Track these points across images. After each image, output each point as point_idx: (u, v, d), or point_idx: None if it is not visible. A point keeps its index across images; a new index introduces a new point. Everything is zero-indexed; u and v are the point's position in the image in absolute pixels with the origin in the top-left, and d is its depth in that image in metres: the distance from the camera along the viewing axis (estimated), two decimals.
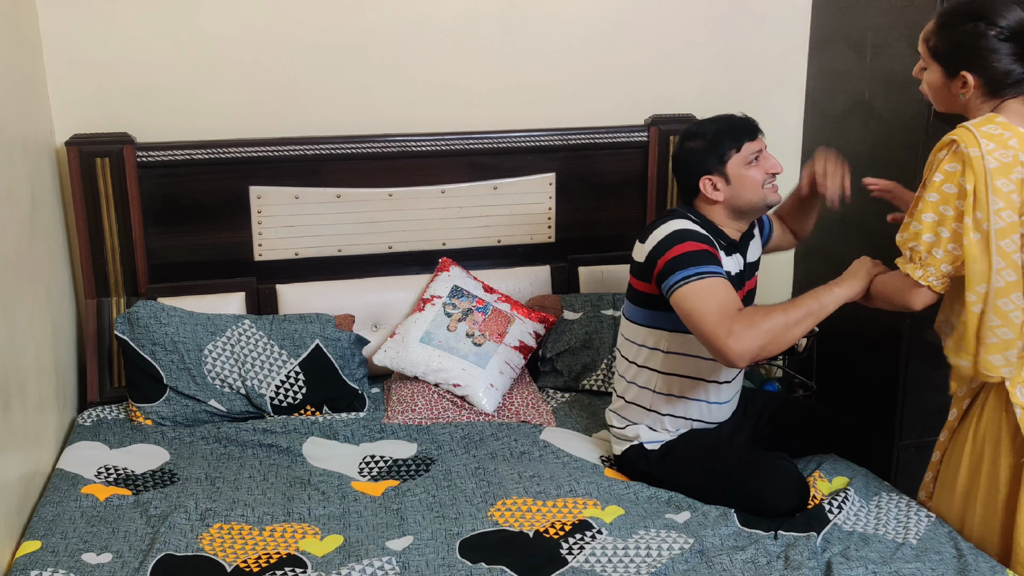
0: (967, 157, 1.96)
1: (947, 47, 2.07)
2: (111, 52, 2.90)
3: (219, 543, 2.17)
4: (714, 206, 2.38)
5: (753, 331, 2.10)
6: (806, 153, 3.47)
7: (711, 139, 2.35)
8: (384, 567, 2.05)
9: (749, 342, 2.09)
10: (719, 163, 2.34)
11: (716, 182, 2.34)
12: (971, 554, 2.07)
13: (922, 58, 2.14)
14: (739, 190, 2.34)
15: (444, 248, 3.16)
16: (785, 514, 2.25)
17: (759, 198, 2.35)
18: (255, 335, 2.82)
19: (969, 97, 2.07)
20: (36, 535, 2.18)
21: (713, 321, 2.12)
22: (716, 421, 2.49)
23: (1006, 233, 1.96)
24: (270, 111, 3.04)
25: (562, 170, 3.18)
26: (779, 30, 3.37)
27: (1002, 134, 1.98)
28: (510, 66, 3.19)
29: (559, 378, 3.02)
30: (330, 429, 2.71)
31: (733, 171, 2.33)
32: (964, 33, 2.05)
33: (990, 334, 2.00)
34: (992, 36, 2.03)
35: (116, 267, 2.93)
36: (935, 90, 2.13)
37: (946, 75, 2.09)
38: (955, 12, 2.08)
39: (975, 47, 2.04)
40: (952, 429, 2.22)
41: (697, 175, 2.36)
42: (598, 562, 2.09)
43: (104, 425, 2.75)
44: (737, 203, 2.36)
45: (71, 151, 2.82)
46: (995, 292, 1.98)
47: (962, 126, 2.03)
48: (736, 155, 2.33)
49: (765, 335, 2.10)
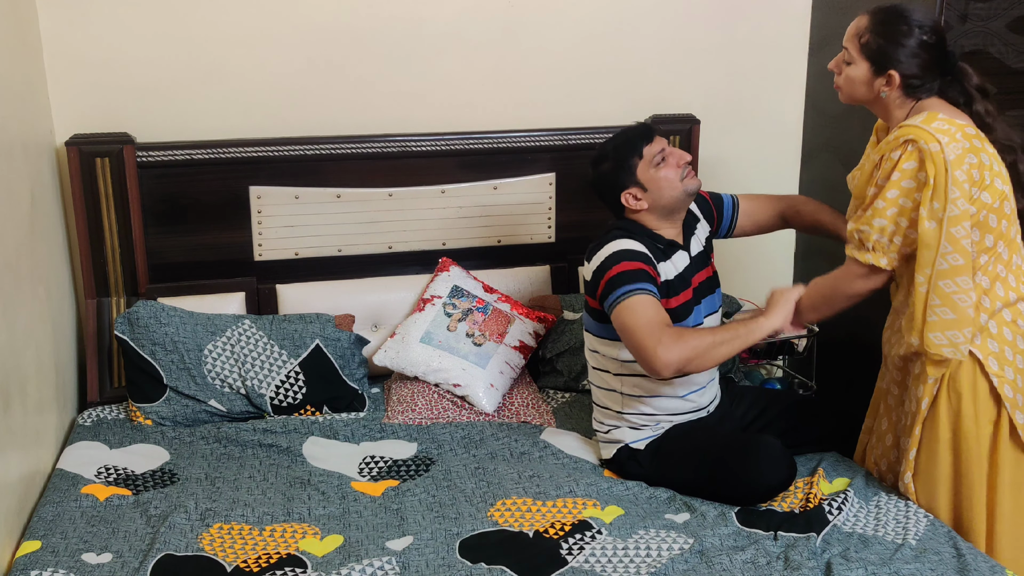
0: (927, 153, 2.11)
1: (879, 46, 2.21)
2: (111, 52, 2.90)
3: (219, 543, 2.17)
4: (641, 213, 2.47)
5: (681, 344, 2.24)
6: (806, 153, 3.47)
7: (614, 156, 2.46)
8: (384, 567, 2.06)
9: (676, 352, 2.22)
10: (630, 175, 2.44)
11: (635, 193, 2.44)
12: (970, 554, 2.07)
13: (848, 53, 2.28)
14: (658, 193, 2.43)
15: (444, 248, 3.16)
16: (774, 490, 2.31)
17: (679, 191, 2.43)
18: (255, 335, 2.82)
19: (890, 94, 2.23)
20: (36, 535, 2.18)
21: (643, 333, 2.25)
22: (698, 408, 2.52)
23: (958, 220, 2.12)
24: (270, 111, 3.04)
25: (562, 170, 3.18)
26: (779, 30, 3.37)
27: (950, 128, 2.14)
28: (510, 66, 3.19)
29: (559, 378, 3.02)
30: (330, 429, 2.71)
31: (645, 177, 2.43)
32: (899, 34, 2.20)
33: (931, 313, 2.17)
34: (924, 40, 2.20)
35: (116, 267, 2.93)
36: (856, 84, 2.28)
37: (873, 71, 2.24)
38: (892, 13, 2.23)
39: (906, 48, 2.20)
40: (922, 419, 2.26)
41: (617, 193, 2.46)
42: (598, 562, 2.09)
43: (104, 425, 2.75)
44: (661, 203, 2.44)
45: (71, 151, 2.82)
46: (937, 274, 2.15)
47: (911, 126, 2.16)
48: (641, 162, 2.43)
49: (692, 350, 2.24)
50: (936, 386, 2.23)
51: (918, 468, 2.30)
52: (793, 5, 3.36)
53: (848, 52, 2.27)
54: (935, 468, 2.26)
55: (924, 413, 2.25)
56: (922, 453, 2.28)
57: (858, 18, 2.28)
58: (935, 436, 2.24)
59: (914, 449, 2.29)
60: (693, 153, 3.25)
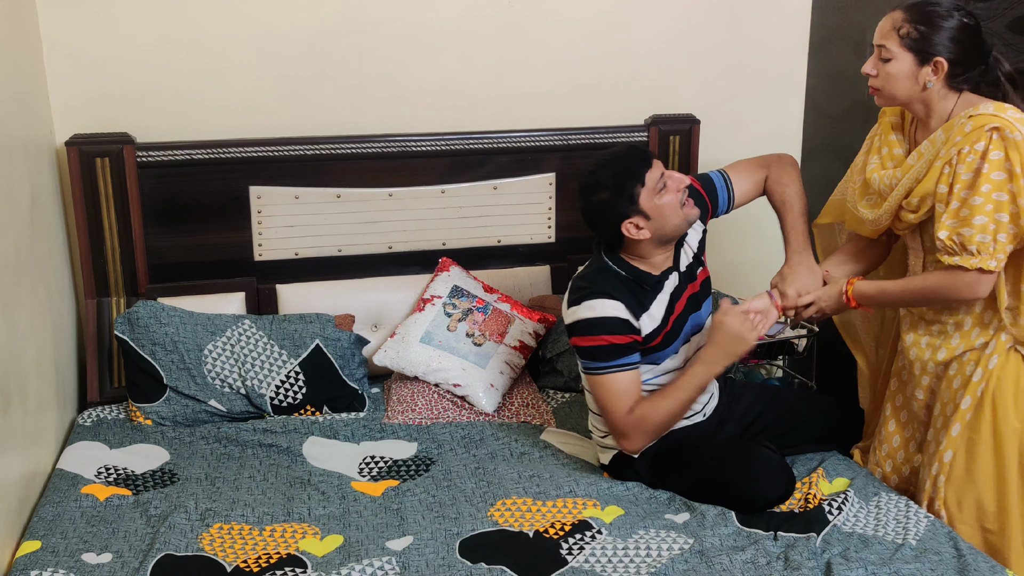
0: (1012, 142, 2.03)
1: (921, 33, 2.14)
2: (111, 52, 2.90)
3: (219, 543, 2.17)
4: (641, 244, 2.36)
5: (640, 434, 2.34)
6: (806, 153, 3.47)
7: (613, 185, 2.31)
8: (384, 567, 2.05)
9: (637, 443, 2.36)
10: (631, 204, 2.30)
11: (637, 222, 2.31)
12: (970, 554, 2.07)
13: (886, 50, 2.18)
14: (661, 221, 2.32)
15: (444, 248, 3.16)
16: (772, 503, 2.28)
17: (681, 219, 2.34)
18: (255, 335, 2.82)
19: (936, 84, 2.16)
20: (36, 535, 2.18)
21: (610, 418, 2.35)
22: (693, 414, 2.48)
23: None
24: (270, 111, 3.04)
25: (562, 170, 3.18)
26: (779, 30, 3.37)
27: (1022, 117, 2.07)
28: (510, 66, 3.19)
29: (559, 378, 3.02)
30: (330, 429, 2.71)
31: (648, 205, 2.29)
32: (940, 17, 2.13)
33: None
34: (964, 22, 2.14)
35: (116, 267, 2.93)
36: (900, 80, 2.18)
37: (917, 62, 2.16)
38: (925, 3, 2.17)
39: (949, 31, 2.13)
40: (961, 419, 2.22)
41: (616, 224, 2.33)
42: (598, 562, 2.09)
43: (104, 425, 2.75)
44: (663, 232, 2.34)
45: (71, 151, 2.82)
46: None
47: (988, 114, 2.08)
48: (643, 189, 2.29)
49: (651, 434, 2.35)
50: (981, 385, 2.19)
51: (953, 471, 2.25)
52: (793, 5, 3.36)
53: (886, 49, 2.17)
54: (976, 469, 2.21)
55: (966, 413, 2.21)
56: (960, 455, 2.23)
57: (889, 16, 2.20)
58: (977, 437, 2.20)
59: (950, 451, 2.25)
60: (693, 153, 3.25)
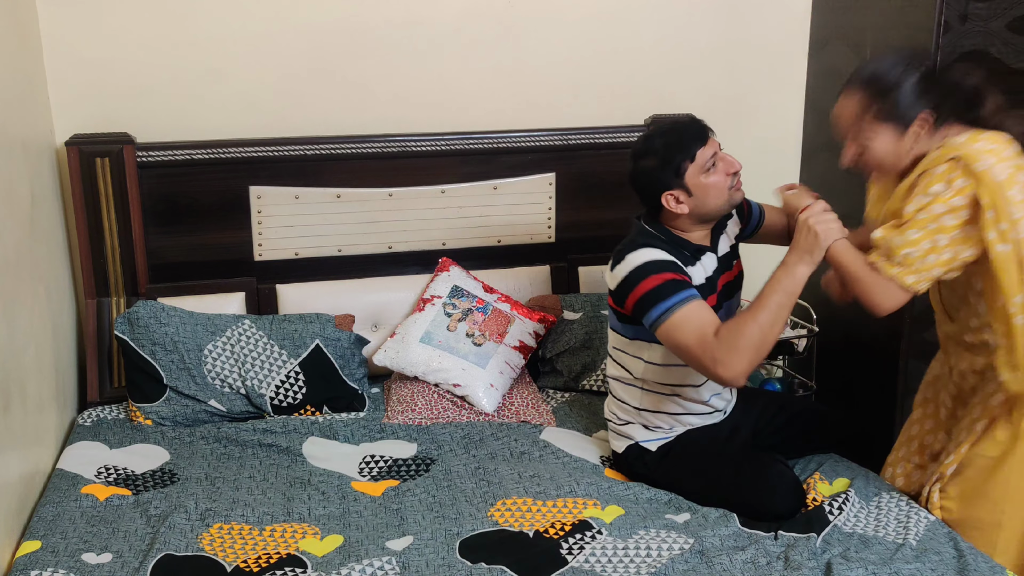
0: (977, 173, 1.99)
1: (892, 101, 2.07)
2: (111, 52, 2.90)
3: (219, 543, 2.17)
4: (679, 217, 2.32)
5: (735, 354, 2.11)
6: (806, 153, 3.47)
7: (663, 154, 2.26)
8: (384, 567, 2.05)
9: (736, 366, 2.12)
10: (676, 177, 2.26)
11: (678, 195, 2.27)
12: (971, 554, 2.07)
13: (862, 135, 2.11)
14: (703, 199, 2.27)
15: (444, 248, 3.16)
16: (781, 517, 2.26)
17: (724, 201, 2.29)
18: (255, 335, 2.82)
19: (921, 137, 2.09)
20: (36, 535, 2.18)
21: (696, 353, 2.15)
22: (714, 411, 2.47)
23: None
24: (270, 111, 3.04)
25: (562, 170, 3.18)
26: (779, 30, 3.37)
27: (993, 148, 2.01)
28: (510, 66, 3.19)
29: (559, 378, 3.02)
30: (330, 429, 2.71)
31: (692, 182, 2.25)
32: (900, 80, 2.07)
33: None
34: (922, 71, 2.09)
35: (116, 267, 2.93)
36: (890, 154, 2.11)
37: (900, 129, 2.09)
38: (877, 73, 2.10)
39: (915, 86, 2.07)
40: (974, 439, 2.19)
41: (657, 193, 2.29)
42: (598, 562, 2.09)
43: (104, 425, 2.75)
44: (703, 211, 2.29)
45: (71, 151, 2.82)
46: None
47: (953, 146, 2.04)
48: (691, 165, 2.25)
49: (747, 351, 2.12)
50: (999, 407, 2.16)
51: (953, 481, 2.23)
52: (793, 5, 3.36)
53: (862, 134, 2.11)
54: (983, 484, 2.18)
55: (979, 434, 2.19)
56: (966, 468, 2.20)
57: (843, 103, 2.14)
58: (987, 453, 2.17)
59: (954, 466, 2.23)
60: None
